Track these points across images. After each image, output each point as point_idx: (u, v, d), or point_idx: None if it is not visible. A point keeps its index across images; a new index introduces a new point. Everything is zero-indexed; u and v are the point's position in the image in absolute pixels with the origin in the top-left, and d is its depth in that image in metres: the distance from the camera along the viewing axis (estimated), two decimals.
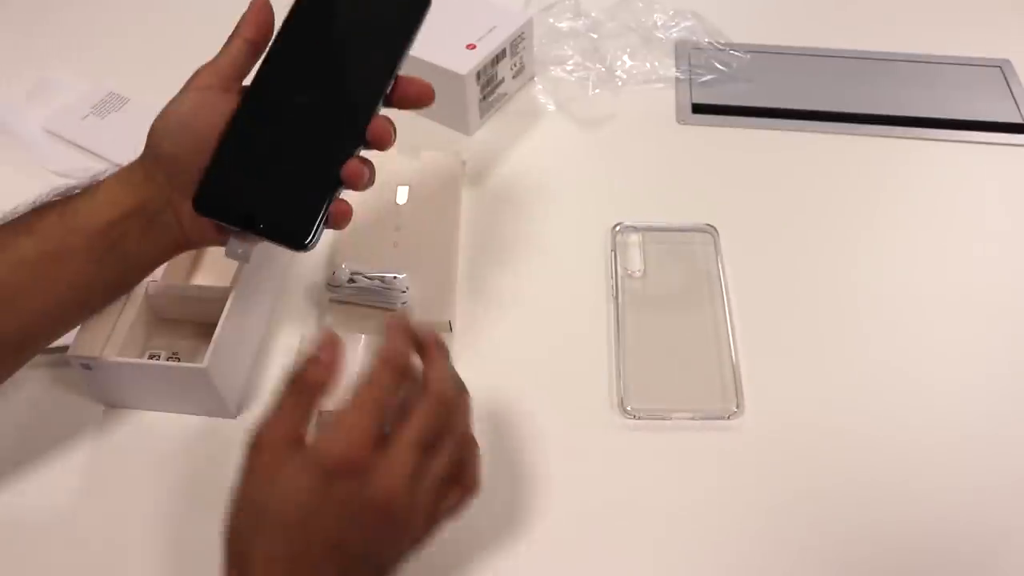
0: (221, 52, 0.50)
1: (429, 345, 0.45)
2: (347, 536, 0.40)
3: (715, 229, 0.65)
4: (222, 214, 0.48)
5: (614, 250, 0.65)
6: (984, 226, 0.68)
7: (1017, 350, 0.60)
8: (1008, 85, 0.79)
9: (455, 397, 0.44)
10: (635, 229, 0.66)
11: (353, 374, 0.42)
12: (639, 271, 0.64)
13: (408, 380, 0.43)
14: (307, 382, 0.42)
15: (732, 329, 0.60)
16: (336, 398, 0.42)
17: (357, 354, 0.56)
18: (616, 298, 0.62)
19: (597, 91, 0.79)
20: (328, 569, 0.40)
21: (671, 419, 0.56)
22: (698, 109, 0.77)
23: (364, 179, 0.49)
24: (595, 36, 0.82)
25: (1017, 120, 0.76)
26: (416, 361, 0.44)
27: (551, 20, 0.82)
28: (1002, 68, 0.80)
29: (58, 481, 0.55)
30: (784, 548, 0.51)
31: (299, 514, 0.40)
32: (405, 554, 0.43)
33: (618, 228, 0.66)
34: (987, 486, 0.53)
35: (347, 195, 0.50)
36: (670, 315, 0.61)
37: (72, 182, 0.71)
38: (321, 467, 0.40)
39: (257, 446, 0.42)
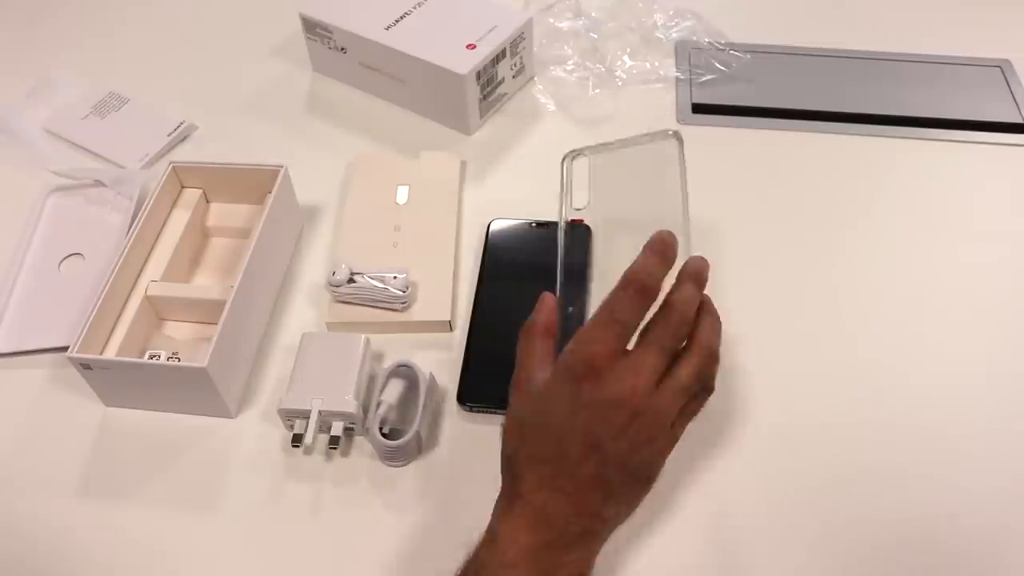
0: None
1: (684, 273, 0.47)
2: (600, 435, 0.43)
3: (677, 134, 0.56)
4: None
5: (562, 185, 0.56)
6: (984, 226, 0.67)
7: (1019, 349, 0.60)
8: (1008, 85, 0.79)
9: (693, 314, 0.46)
10: (582, 154, 0.56)
11: (352, 371, 0.41)
12: (586, 205, 0.55)
13: (649, 300, 0.45)
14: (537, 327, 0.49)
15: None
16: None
17: (357, 353, 0.56)
18: (561, 234, 0.54)
19: (597, 91, 0.78)
20: (587, 467, 0.43)
21: None
22: (698, 109, 0.77)
23: None
24: (595, 36, 0.82)
25: (1017, 120, 0.75)
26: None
27: (551, 20, 0.82)
28: (1002, 68, 0.80)
29: (58, 481, 0.55)
30: (786, 543, 0.51)
31: (556, 418, 0.44)
32: (658, 456, 0.46)
33: (568, 156, 0.57)
34: (988, 483, 0.53)
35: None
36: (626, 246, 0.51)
37: (72, 182, 0.72)
38: (569, 374, 0.44)
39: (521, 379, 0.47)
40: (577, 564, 0.44)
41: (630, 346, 0.46)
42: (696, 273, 0.47)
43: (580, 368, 0.44)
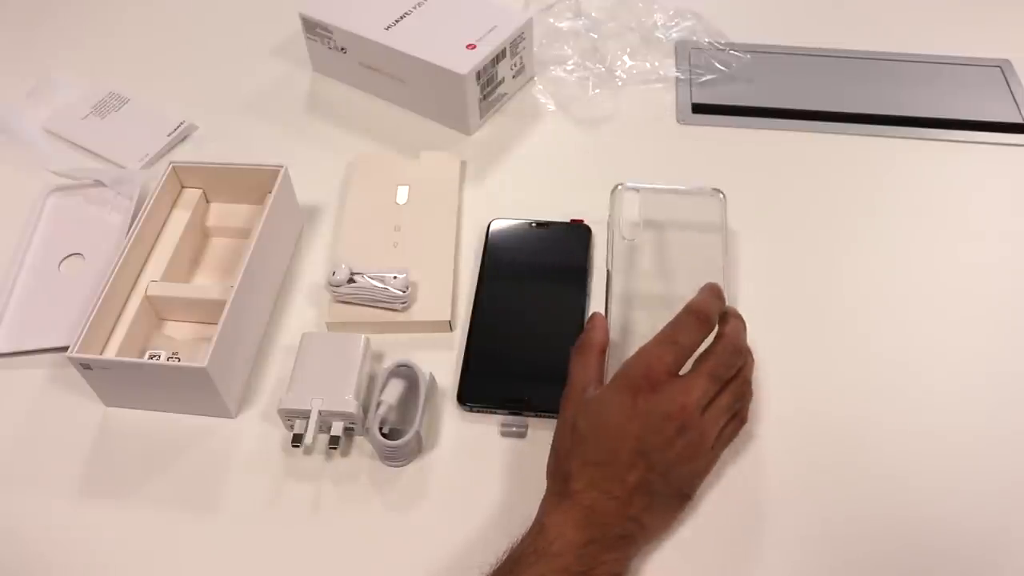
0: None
1: (730, 311, 0.53)
2: (649, 443, 0.47)
3: (721, 192, 0.63)
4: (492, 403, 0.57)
5: (611, 214, 0.63)
6: (984, 226, 0.67)
7: (1019, 349, 0.60)
8: (1008, 85, 0.79)
9: (744, 347, 0.52)
10: (635, 190, 0.63)
11: (352, 371, 0.41)
12: (636, 229, 0.62)
13: (708, 329, 0.50)
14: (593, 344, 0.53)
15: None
16: None
17: (357, 353, 0.56)
18: (610, 260, 0.61)
19: (597, 91, 0.78)
20: (634, 473, 0.47)
21: None
22: (698, 109, 0.77)
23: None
24: (595, 36, 0.82)
25: (1017, 120, 0.75)
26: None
27: (551, 20, 0.82)
28: (1002, 68, 0.80)
29: (58, 481, 0.55)
30: (785, 540, 0.51)
31: (610, 424, 0.48)
32: (698, 474, 0.50)
33: (618, 187, 0.64)
34: (988, 483, 0.53)
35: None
36: (668, 281, 0.59)
37: (72, 182, 0.72)
38: (628, 384, 0.48)
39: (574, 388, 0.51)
40: (614, 564, 0.47)
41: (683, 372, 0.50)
42: (737, 312, 0.53)
43: (638, 379, 0.48)
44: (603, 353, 0.53)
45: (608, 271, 0.60)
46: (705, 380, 0.49)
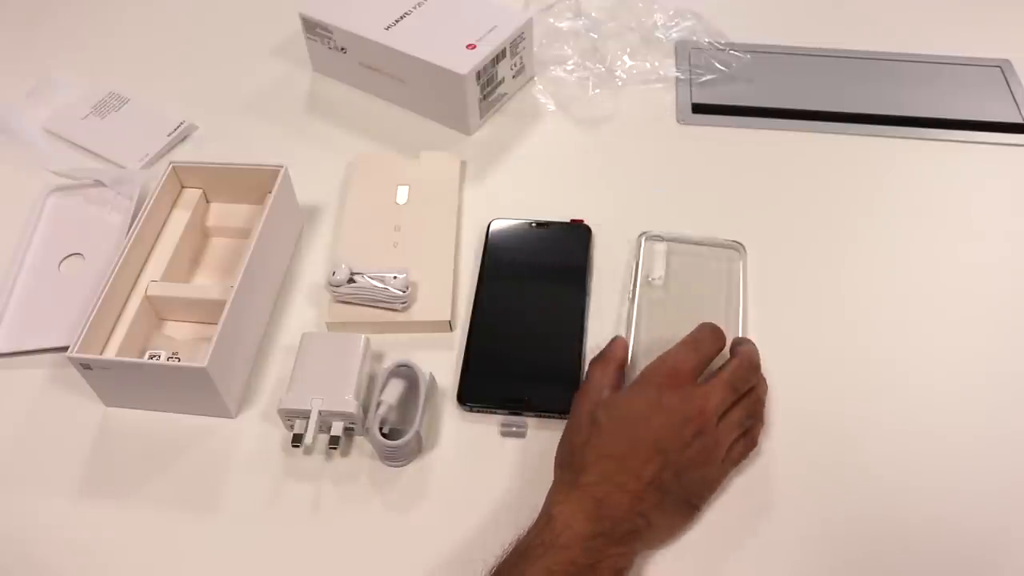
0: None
1: (745, 339, 0.56)
2: (668, 441, 0.48)
3: (742, 246, 0.64)
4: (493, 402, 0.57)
5: (638, 259, 0.64)
6: (984, 226, 0.67)
7: (1019, 349, 0.60)
8: (1008, 85, 0.79)
9: (759, 366, 0.54)
10: (661, 239, 0.65)
11: (352, 371, 0.40)
12: (659, 278, 0.63)
13: (723, 342, 0.53)
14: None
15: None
16: None
17: (357, 353, 0.56)
18: (632, 300, 0.61)
19: (597, 91, 0.79)
20: (650, 468, 0.48)
21: None
22: (698, 109, 0.77)
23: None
24: (595, 36, 0.82)
25: (1017, 120, 0.75)
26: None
27: (551, 20, 0.82)
28: (1002, 68, 0.80)
29: (58, 481, 0.55)
30: (785, 540, 0.51)
31: (633, 417, 0.49)
32: (708, 485, 0.51)
33: (644, 236, 0.65)
34: (988, 483, 0.53)
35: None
36: (686, 323, 0.59)
37: (72, 182, 0.72)
38: (654, 379, 0.50)
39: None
40: (619, 558, 0.47)
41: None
42: (751, 340, 0.56)
43: (664, 377, 0.50)
44: (622, 368, 0.55)
45: (634, 311, 0.61)
46: (723, 389, 0.51)
